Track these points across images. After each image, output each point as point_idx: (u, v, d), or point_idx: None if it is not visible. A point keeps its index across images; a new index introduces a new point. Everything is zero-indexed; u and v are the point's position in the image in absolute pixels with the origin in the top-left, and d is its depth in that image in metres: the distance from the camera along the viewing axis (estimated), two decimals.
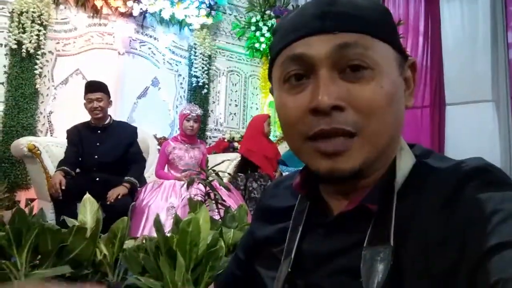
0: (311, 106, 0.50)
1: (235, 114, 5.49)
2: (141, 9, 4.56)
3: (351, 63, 0.50)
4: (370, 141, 0.50)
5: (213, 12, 5.10)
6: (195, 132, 3.64)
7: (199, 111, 3.64)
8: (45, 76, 4.12)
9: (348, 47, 0.50)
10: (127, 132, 3.35)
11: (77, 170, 3.15)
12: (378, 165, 0.53)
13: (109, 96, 3.25)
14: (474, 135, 4.61)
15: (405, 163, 0.53)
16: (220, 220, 2.21)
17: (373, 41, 0.50)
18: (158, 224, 1.45)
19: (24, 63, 3.90)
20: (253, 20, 5.43)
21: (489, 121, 4.56)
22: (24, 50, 3.85)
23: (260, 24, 5.38)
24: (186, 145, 3.62)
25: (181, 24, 4.97)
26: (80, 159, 3.17)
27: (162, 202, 3.14)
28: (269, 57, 0.59)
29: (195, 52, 5.01)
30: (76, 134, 3.20)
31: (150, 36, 4.83)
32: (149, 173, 3.77)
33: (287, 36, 0.54)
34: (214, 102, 5.31)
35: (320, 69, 0.50)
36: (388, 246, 0.47)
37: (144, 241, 1.58)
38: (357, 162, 0.50)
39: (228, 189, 3.19)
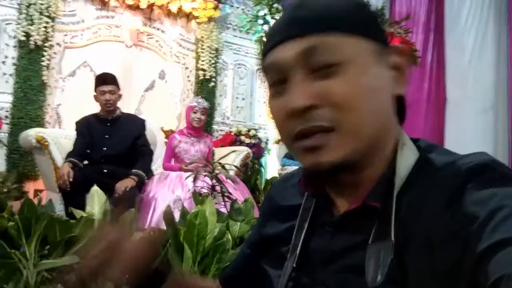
0: (287, 110, 0.51)
1: (242, 107, 5.47)
2: (148, 1, 4.56)
3: (321, 63, 0.50)
4: (350, 134, 0.50)
5: (220, 5, 5.08)
6: (202, 124, 3.65)
7: (206, 104, 3.64)
8: (53, 68, 4.13)
9: (315, 49, 0.50)
10: (136, 124, 3.36)
11: (85, 161, 3.18)
12: (371, 160, 0.53)
13: (119, 89, 3.27)
14: (473, 132, 4.58)
15: (407, 158, 0.53)
16: (227, 213, 2.22)
17: (341, 37, 0.51)
18: (168, 217, 1.45)
19: (32, 55, 3.91)
20: (261, 13, 5.39)
21: (489, 120, 4.54)
22: (32, 42, 3.87)
23: (268, 17, 5.34)
24: (192, 139, 3.63)
25: (189, 17, 4.95)
26: (88, 150, 3.19)
27: (169, 194, 3.15)
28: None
29: (202, 45, 4.99)
30: (86, 126, 3.21)
31: (158, 29, 4.82)
32: (156, 165, 3.79)
33: (267, 44, 0.56)
34: (221, 96, 5.30)
35: (292, 73, 0.52)
36: (389, 241, 0.47)
37: (151, 233, 1.59)
38: (339, 155, 0.50)
39: (234, 181, 3.19)
